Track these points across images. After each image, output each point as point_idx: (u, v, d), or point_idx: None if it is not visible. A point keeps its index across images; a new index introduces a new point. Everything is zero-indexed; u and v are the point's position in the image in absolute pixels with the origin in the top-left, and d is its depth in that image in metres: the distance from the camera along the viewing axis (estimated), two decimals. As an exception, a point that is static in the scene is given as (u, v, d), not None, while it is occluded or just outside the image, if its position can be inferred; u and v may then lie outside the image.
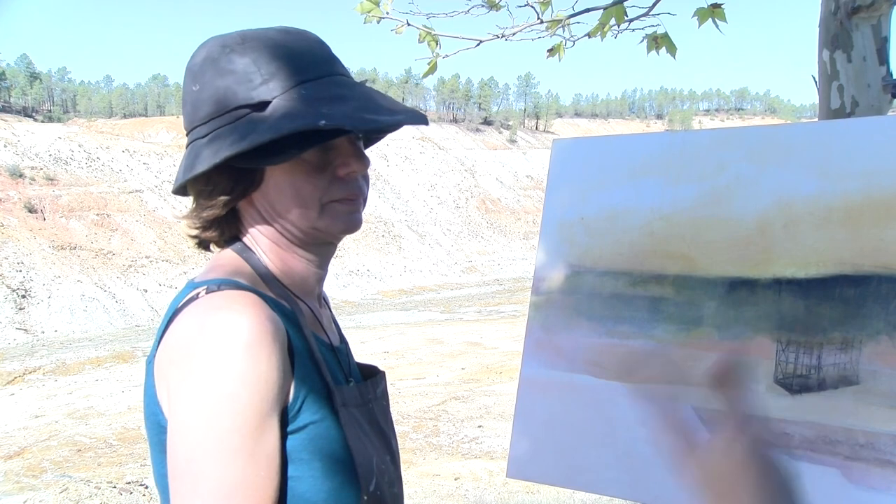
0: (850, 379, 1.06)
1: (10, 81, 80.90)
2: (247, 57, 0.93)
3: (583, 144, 1.43)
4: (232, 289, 0.89)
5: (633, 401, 1.21)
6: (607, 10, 2.99)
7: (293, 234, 0.98)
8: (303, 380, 0.89)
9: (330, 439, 0.90)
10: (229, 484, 0.79)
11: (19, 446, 10.69)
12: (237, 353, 0.81)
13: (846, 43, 2.14)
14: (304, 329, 0.94)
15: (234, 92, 0.92)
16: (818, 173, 1.14)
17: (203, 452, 0.79)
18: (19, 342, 29.63)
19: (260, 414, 0.81)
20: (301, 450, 0.88)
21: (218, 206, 0.95)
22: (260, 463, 0.81)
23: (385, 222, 60.89)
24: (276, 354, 0.84)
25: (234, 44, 0.95)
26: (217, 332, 0.82)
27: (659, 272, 1.25)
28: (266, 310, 0.87)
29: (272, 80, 0.92)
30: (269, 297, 0.92)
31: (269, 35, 0.96)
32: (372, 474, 0.93)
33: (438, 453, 9.32)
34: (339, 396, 0.93)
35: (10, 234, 40.77)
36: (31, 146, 54.15)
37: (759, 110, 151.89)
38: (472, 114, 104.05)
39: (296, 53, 0.95)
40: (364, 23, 3.10)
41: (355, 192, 0.98)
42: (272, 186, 0.95)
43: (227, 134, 0.91)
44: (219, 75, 0.93)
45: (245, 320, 0.83)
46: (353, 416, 0.95)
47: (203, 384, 0.81)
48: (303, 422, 0.88)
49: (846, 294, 1.08)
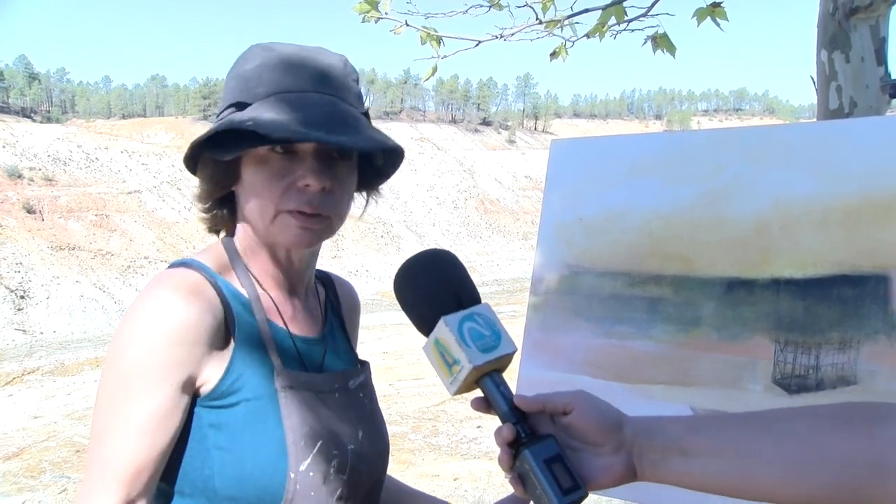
0: (848, 379, 1.06)
1: (8, 82, 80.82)
2: (253, 64, 1.01)
3: (581, 145, 1.43)
4: (186, 269, 0.99)
5: (632, 401, 1.21)
6: (606, 9, 2.99)
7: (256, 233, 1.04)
8: (241, 358, 0.97)
9: (264, 416, 0.96)
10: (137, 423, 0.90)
11: (18, 447, 10.67)
12: (146, 321, 0.92)
13: (844, 43, 2.14)
14: (256, 314, 1.01)
15: (234, 91, 1.01)
16: (816, 174, 1.14)
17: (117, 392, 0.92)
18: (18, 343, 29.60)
19: (149, 376, 0.91)
20: (233, 423, 0.95)
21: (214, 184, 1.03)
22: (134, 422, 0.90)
23: (384, 223, 60.87)
24: (193, 330, 0.93)
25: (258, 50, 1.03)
26: (144, 303, 0.93)
27: (657, 272, 1.25)
28: (205, 289, 0.97)
29: (261, 86, 0.98)
30: (223, 281, 1.01)
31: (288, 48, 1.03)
32: (307, 455, 0.97)
33: (437, 454, 9.31)
34: (284, 379, 0.98)
35: (8, 235, 40.73)
36: (30, 147, 54.11)
37: (758, 111, 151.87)
38: (470, 114, 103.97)
39: (294, 66, 1.00)
40: (362, 22, 3.10)
41: (308, 206, 0.99)
42: (244, 184, 1.01)
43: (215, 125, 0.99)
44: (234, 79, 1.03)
45: (169, 299, 0.93)
46: (304, 400, 1.00)
47: (113, 346, 0.93)
48: (237, 398, 0.96)
49: (844, 294, 1.08)
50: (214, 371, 0.95)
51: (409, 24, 3.10)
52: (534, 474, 0.78)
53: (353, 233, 57.35)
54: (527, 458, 0.79)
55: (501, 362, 0.83)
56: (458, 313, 0.83)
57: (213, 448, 0.95)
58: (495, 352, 0.81)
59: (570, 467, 0.79)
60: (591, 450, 0.80)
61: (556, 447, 0.79)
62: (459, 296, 0.85)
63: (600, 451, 0.80)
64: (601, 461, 0.80)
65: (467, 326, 0.82)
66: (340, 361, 1.13)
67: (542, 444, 0.79)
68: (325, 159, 1.00)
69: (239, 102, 0.99)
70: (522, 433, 0.81)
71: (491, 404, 0.83)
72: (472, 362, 0.80)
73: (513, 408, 0.82)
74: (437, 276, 0.88)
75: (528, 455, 0.78)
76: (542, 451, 0.79)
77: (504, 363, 0.84)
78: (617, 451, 0.80)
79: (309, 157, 0.99)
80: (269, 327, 1.02)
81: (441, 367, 0.83)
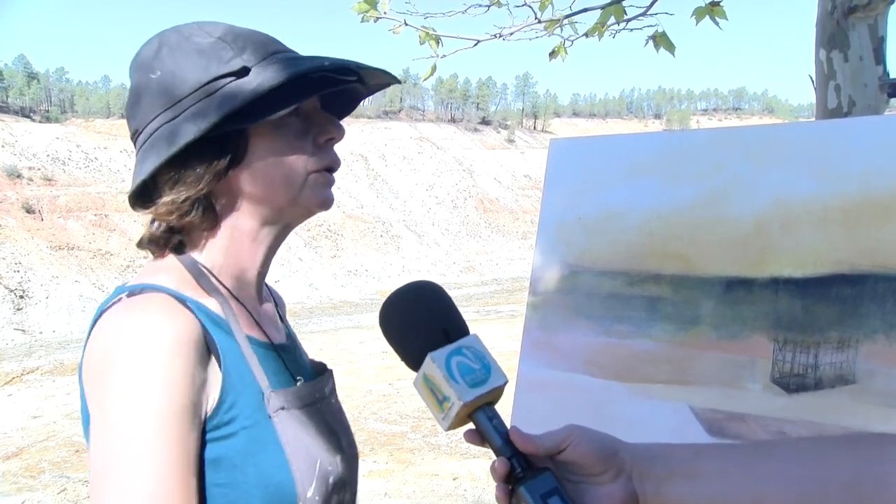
0: (846, 378, 1.06)
1: (7, 82, 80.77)
2: (210, 37, 0.93)
3: (580, 144, 1.43)
4: (152, 293, 0.87)
5: (631, 400, 1.21)
6: (605, 8, 2.99)
7: (266, 213, 0.96)
8: (232, 385, 0.88)
9: (264, 443, 0.89)
10: (147, 492, 0.78)
11: (17, 447, 10.66)
12: (150, 358, 0.80)
13: (843, 42, 2.14)
14: (235, 334, 0.92)
15: (206, 67, 0.90)
16: (815, 173, 1.14)
17: (117, 458, 0.78)
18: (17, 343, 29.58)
19: (177, 417, 0.81)
20: (233, 456, 0.87)
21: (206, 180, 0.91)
22: (178, 468, 0.80)
23: (383, 222, 60.87)
24: (191, 358, 0.83)
25: (191, 30, 0.94)
26: (131, 337, 0.81)
27: (656, 272, 1.25)
28: (181, 313, 0.85)
29: (244, 52, 0.92)
30: (192, 300, 0.90)
31: (222, 23, 0.96)
32: (312, 479, 0.91)
33: (437, 453, 9.31)
34: (275, 400, 0.91)
35: (7, 235, 40.70)
36: (29, 146, 54.07)
37: (757, 110, 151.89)
38: (470, 114, 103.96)
39: (254, 34, 0.96)
40: (361, 22, 3.10)
41: (335, 161, 0.99)
42: (256, 158, 0.93)
43: (213, 102, 0.88)
44: (184, 56, 0.91)
45: (158, 325, 0.82)
46: (296, 418, 0.93)
47: (118, 391, 0.80)
48: (234, 428, 0.87)
49: (843, 293, 1.08)
50: (212, 398, 0.86)
51: (407, 23, 3.10)
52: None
53: (352, 232, 57.33)
54: (523, 495, 0.77)
55: (493, 395, 0.81)
56: (445, 348, 0.80)
57: (213, 486, 0.86)
58: (485, 385, 0.79)
59: (569, 500, 0.76)
60: (591, 480, 0.79)
61: (554, 481, 0.77)
62: (446, 329, 0.82)
63: (599, 480, 0.79)
64: (601, 490, 0.78)
65: (455, 361, 0.80)
66: (307, 366, 1.09)
67: (538, 479, 0.77)
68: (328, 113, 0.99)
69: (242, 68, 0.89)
70: (518, 467, 0.79)
71: (485, 438, 0.81)
72: (462, 399, 0.78)
73: (507, 441, 0.80)
74: (421, 311, 0.84)
75: (524, 492, 0.76)
76: (539, 487, 0.76)
77: (496, 395, 0.81)
78: (616, 478, 0.78)
79: (318, 113, 0.97)
80: (250, 343, 0.94)
81: (432, 403, 0.81)
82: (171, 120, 0.90)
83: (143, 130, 0.93)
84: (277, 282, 44.94)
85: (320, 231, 54.89)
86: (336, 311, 32.31)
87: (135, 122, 0.95)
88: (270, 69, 0.89)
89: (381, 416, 10.89)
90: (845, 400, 1.05)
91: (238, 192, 0.95)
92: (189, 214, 0.93)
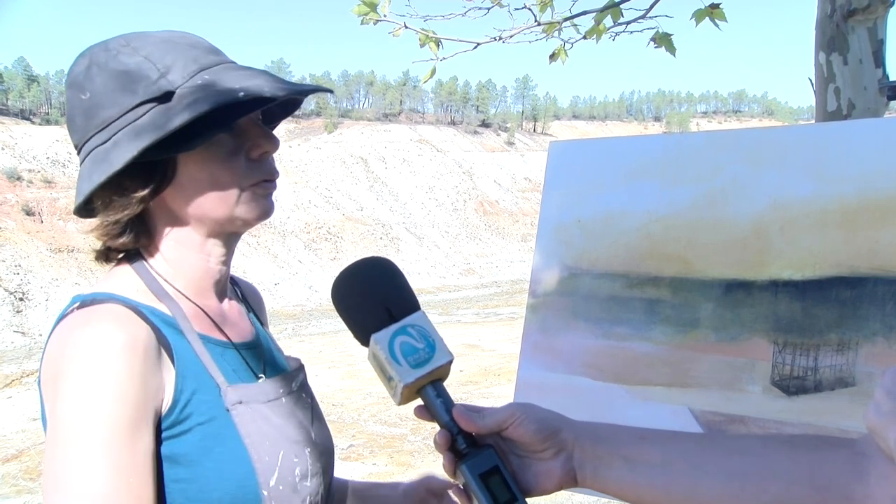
0: (846, 380, 1.06)
1: (7, 84, 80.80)
2: (137, 55, 0.92)
3: (579, 147, 1.43)
4: (104, 302, 0.89)
5: (631, 403, 1.21)
6: (602, 11, 3.00)
7: (206, 227, 0.98)
8: (186, 384, 0.90)
9: (222, 438, 0.91)
10: (98, 495, 0.79)
11: (17, 449, 10.65)
12: (100, 367, 0.82)
13: (842, 45, 2.15)
14: (187, 334, 0.94)
15: (133, 90, 0.91)
16: (814, 175, 1.14)
17: (69, 465, 0.80)
18: (17, 345, 29.58)
19: (126, 425, 0.82)
20: (189, 452, 0.89)
21: (133, 205, 0.93)
22: (128, 473, 0.81)
23: (383, 224, 60.90)
24: (143, 365, 0.85)
25: (119, 46, 0.94)
26: (81, 347, 0.83)
27: (655, 274, 1.25)
28: (133, 321, 0.87)
29: (170, 72, 0.91)
30: (144, 305, 0.92)
31: (152, 34, 0.96)
32: (274, 470, 0.93)
33: (437, 456, 9.29)
34: (233, 395, 0.93)
35: (7, 237, 40.72)
36: (29, 149, 54.12)
37: (757, 112, 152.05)
38: (469, 116, 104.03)
39: (185, 47, 0.95)
40: (360, 24, 3.11)
41: (271, 173, 0.99)
42: (187, 179, 0.93)
43: (138, 129, 0.89)
44: (111, 78, 0.92)
45: (108, 334, 0.84)
46: (257, 412, 0.95)
47: (69, 399, 0.82)
48: (189, 424, 0.89)
49: (842, 296, 1.08)
50: (166, 399, 0.88)
51: (407, 26, 3.10)
52: (471, 489, 0.78)
53: (352, 234, 57.36)
54: (464, 473, 0.78)
55: (439, 372, 0.82)
56: (388, 329, 0.81)
57: (171, 482, 0.88)
58: (428, 365, 0.80)
59: (509, 478, 0.78)
60: (533, 456, 0.80)
61: (495, 458, 0.79)
62: (389, 308, 0.83)
63: (541, 456, 0.80)
64: (541, 466, 0.80)
65: (399, 341, 0.81)
66: (277, 362, 1.11)
67: (479, 457, 0.79)
68: (261, 125, 0.99)
69: (165, 93, 0.89)
70: (462, 444, 0.80)
71: (432, 414, 0.82)
72: (404, 380, 0.79)
73: (453, 418, 0.81)
74: (364, 290, 0.85)
75: (465, 469, 0.78)
76: (479, 465, 0.78)
77: (443, 372, 0.82)
78: (556, 455, 0.79)
79: (252, 127, 0.97)
80: (205, 342, 0.96)
81: (382, 380, 0.83)
82: (102, 144, 0.92)
83: (81, 147, 0.95)
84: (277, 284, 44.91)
85: (320, 233, 54.92)
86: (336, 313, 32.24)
87: (74, 138, 0.97)
88: (196, 92, 0.89)
89: (381, 419, 10.89)
90: (845, 402, 1.05)
91: (173, 209, 0.97)
92: (121, 236, 0.96)
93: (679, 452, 0.76)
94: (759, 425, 1.11)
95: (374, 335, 0.81)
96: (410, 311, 0.83)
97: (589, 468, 0.78)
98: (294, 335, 25.94)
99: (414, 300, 0.85)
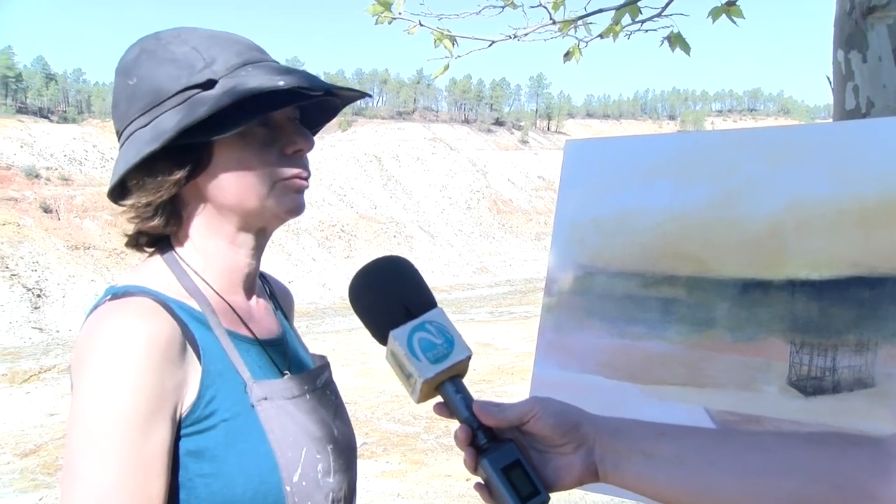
0: (865, 381, 1.05)
1: (26, 83, 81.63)
2: (186, 46, 0.96)
3: (595, 145, 1.43)
4: (135, 295, 0.91)
5: (646, 402, 1.21)
6: (620, 9, 2.99)
7: (237, 217, 0.99)
8: (212, 380, 0.92)
9: (246, 434, 0.92)
10: (106, 485, 0.82)
11: (35, 444, 10.77)
12: (120, 360, 0.84)
13: (861, 43, 2.12)
14: (214, 329, 0.96)
15: (177, 77, 0.94)
16: (833, 174, 1.13)
17: (82, 454, 0.83)
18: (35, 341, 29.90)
19: (140, 418, 0.84)
20: (213, 447, 0.90)
21: (166, 187, 0.95)
22: (139, 465, 0.83)
23: (396, 223, 60.98)
24: (162, 360, 0.87)
25: (169, 37, 0.97)
26: (104, 340, 0.86)
27: (671, 273, 1.25)
28: (159, 316, 0.89)
29: (214, 63, 0.94)
30: (174, 300, 0.94)
31: (201, 29, 1.00)
32: (297, 466, 0.94)
33: (450, 454, 9.30)
34: (258, 390, 0.94)
35: (25, 234, 41.14)
36: (47, 147, 54.65)
37: (773, 111, 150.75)
38: (483, 114, 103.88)
39: (230, 42, 0.98)
40: (375, 24, 3.11)
41: (303, 170, 1.01)
42: (220, 167, 0.96)
43: (177, 113, 0.92)
44: (158, 65, 0.94)
45: (131, 329, 0.86)
46: (281, 408, 0.96)
47: (88, 389, 0.84)
48: (214, 420, 0.91)
49: (861, 296, 1.07)
50: (190, 394, 0.90)
51: (422, 24, 3.11)
52: (493, 483, 0.78)
53: (365, 232, 57.49)
54: (485, 467, 0.78)
55: (458, 368, 0.82)
56: (406, 325, 0.82)
57: (196, 477, 0.89)
58: (447, 360, 0.81)
59: (531, 472, 0.78)
60: (553, 451, 0.80)
61: (516, 452, 0.79)
62: (407, 305, 0.83)
63: (562, 450, 0.80)
64: (562, 461, 0.80)
65: (417, 337, 0.81)
66: (302, 360, 1.12)
67: (500, 451, 0.79)
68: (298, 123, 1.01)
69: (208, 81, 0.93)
70: (482, 439, 0.80)
71: (451, 410, 0.83)
72: (423, 376, 0.80)
73: (473, 413, 0.81)
74: (382, 289, 0.86)
75: (487, 464, 0.78)
76: (500, 459, 0.78)
77: (461, 368, 0.83)
78: (577, 449, 0.79)
79: (288, 124, 0.99)
80: (232, 338, 0.97)
81: (401, 378, 0.83)
82: (143, 126, 0.94)
83: (122, 132, 0.98)
84: (291, 282, 45.11)
85: (333, 231, 55.09)
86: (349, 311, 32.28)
87: (116, 124, 1.00)
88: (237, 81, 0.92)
89: (394, 417, 10.91)
90: (864, 403, 1.04)
91: (206, 198, 0.98)
92: (152, 219, 0.97)
93: (695, 448, 0.76)
94: (775, 425, 1.10)
95: (393, 332, 0.82)
96: (428, 308, 0.84)
97: (609, 462, 0.78)
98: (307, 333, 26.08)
99: (431, 297, 0.86)
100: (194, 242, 1.01)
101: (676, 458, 0.75)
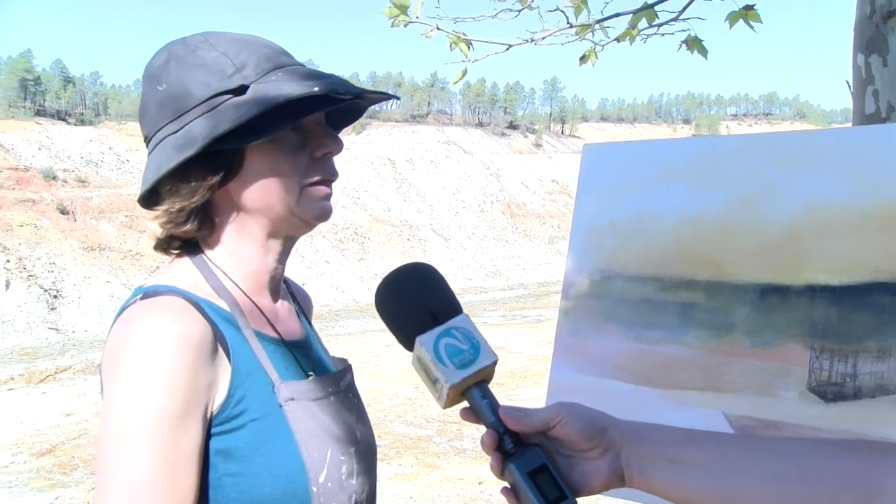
0: (887, 388, 1.04)
1: (44, 86, 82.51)
2: (215, 51, 0.96)
3: (613, 149, 1.43)
4: (165, 294, 0.92)
5: (664, 406, 1.21)
6: (638, 12, 2.98)
7: (267, 222, 1.00)
8: (241, 380, 0.93)
9: (274, 433, 0.93)
10: (138, 482, 0.82)
11: (51, 444, 10.86)
12: (153, 359, 0.85)
13: (882, 47, 2.11)
14: (243, 330, 0.96)
15: (208, 83, 0.94)
16: (852, 179, 1.12)
17: (116, 451, 0.83)
18: (51, 341, 30.15)
19: (173, 416, 0.85)
20: (242, 447, 0.91)
21: (200, 193, 0.95)
22: (171, 463, 0.84)
23: (410, 226, 61.03)
24: (195, 359, 0.87)
25: (197, 42, 0.98)
26: (137, 338, 0.86)
27: (689, 278, 1.24)
28: (190, 315, 0.90)
29: (245, 68, 0.95)
30: (204, 300, 0.94)
31: (228, 34, 1.00)
32: (323, 466, 0.94)
33: (462, 457, 9.29)
34: (285, 391, 0.95)
35: (42, 236, 41.53)
36: (64, 149, 55.17)
37: (789, 115, 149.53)
38: (497, 118, 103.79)
39: (258, 46, 0.99)
40: (391, 27, 3.12)
41: (332, 173, 1.02)
42: (251, 172, 0.96)
43: (212, 118, 0.92)
44: (187, 70, 0.95)
45: (164, 327, 0.86)
46: (307, 409, 0.97)
47: (121, 387, 0.85)
48: (243, 420, 0.91)
49: (882, 302, 1.06)
50: (220, 393, 0.91)
51: (439, 27, 3.11)
52: (520, 487, 0.78)
53: (378, 235, 57.57)
54: (512, 472, 0.79)
55: (484, 374, 0.83)
56: (432, 331, 0.82)
57: (224, 476, 0.90)
58: (473, 366, 0.81)
59: (557, 476, 0.78)
60: (580, 455, 0.80)
61: (542, 457, 0.79)
62: (433, 311, 0.84)
63: (588, 455, 0.80)
64: (588, 465, 0.80)
65: (444, 343, 0.82)
66: (324, 362, 1.13)
67: (526, 456, 0.79)
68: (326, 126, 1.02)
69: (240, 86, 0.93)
70: (509, 444, 0.81)
71: (478, 415, 0.83)
72: (450, 381, 0.80)
73: (499, 418, 0.82)
74: (407, 295, 0.86)
75: (514, 468, 0.79)
76: (527, 464, 0.79)
77: (487, 374, 0.83)
78: (604, 454, 0.79)
79: (317, 127, 1.00)
80: (260, 339, 0.98)
81: (427, 384, 0.84)
82: (174, 132, 0.95)
83: (151, 138, 0.99)
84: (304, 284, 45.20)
85: (347, 234, 55.21)
86: (362, 313, 32.43)
87: (145, 129, 1.01)
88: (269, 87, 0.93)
89: (407, 420, 10.91)
90: (885, 410, 1.03)
91: (237, 203, 0.99)
92: (185, 224, 0.98)
93: (724, 454, 0.76)
94: (794, 431, 1.09)
95: (419, 337, 0.82)
96: (454, 314, 0.85)
97: (636, 467, 0.78)
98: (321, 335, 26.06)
99: (456, 303, 0.86)
100: (224, 246, 1.01)
101: (705, 464, 0.75)
